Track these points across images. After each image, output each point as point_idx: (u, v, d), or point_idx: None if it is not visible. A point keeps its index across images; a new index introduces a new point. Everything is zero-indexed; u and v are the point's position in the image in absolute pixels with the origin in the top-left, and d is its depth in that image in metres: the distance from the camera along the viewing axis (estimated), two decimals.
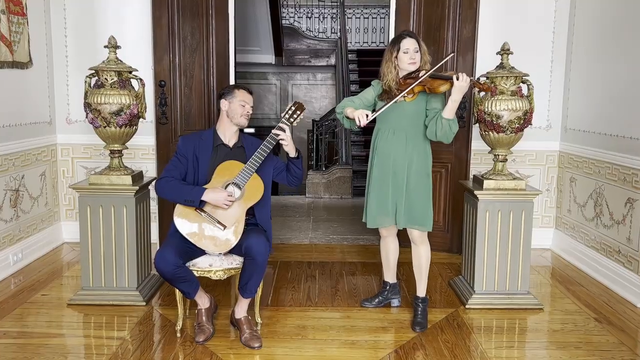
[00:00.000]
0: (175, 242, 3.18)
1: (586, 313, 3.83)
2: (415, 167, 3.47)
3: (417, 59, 3.39)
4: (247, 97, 3.37)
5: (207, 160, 3.34)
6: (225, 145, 3.38)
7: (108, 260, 3.83)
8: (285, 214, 6.92)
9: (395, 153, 3.47)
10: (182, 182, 3.28)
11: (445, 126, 3.32)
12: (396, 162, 3.47)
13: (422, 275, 3.65)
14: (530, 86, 3.79)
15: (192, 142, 3.37)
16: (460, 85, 3.22)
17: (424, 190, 3.50)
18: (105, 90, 3.67)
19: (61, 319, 3.65)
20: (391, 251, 3.81)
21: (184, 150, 3.35)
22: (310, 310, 3.83)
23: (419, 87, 3.33)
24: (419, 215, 3.50)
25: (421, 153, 3.49)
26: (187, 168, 3.34)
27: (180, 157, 3.34)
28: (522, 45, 4.76)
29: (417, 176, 3.47)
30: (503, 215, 3.83)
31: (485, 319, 3.71)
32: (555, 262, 4.96)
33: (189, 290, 3.27)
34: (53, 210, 5.19)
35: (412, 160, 3.46)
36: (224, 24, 4.91)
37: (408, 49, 3.37)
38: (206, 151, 3.35)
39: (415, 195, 3.48)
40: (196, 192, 3.19)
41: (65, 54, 5.12)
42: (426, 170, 3.51)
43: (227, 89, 3.41)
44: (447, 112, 3.31)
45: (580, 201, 4.84)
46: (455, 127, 3.34)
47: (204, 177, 3.31)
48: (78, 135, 5.19)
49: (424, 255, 3.61)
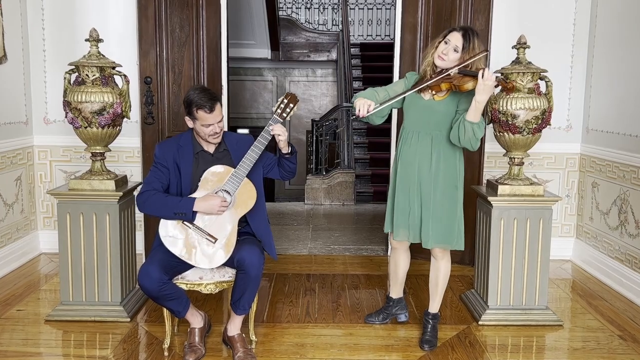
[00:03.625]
0: (160, 255, 3.16)
1: (610, 330, 3.84)
2: (443, 177, 3.40)
3: (451, 57, 3.27)
4: (209, 118, 3.18)
5: (189, 169, 3.30)
6: (206, 152, 3.34)
7: (89, 273, 3.83)
8: (282, 223, 6.93)
9: (420, 160, 3.41)
10: (166, 194, 3.26)
11: (469, 131, 3.22)
12: (421, 171, 3.41)
13: (438, 291, 3.64)
14: (548, 83, 3.80)
15: (170, 150, 3.32)
16: (484, 84, 3.12)
17: (452, 204, 3.43)
18: (86, 88, 3.68)
19: (38, 336, 3.65)
20: (401, 265, 3.77)
21: (163, 159, 3.30)
22: (309, 327, 3.83)
23: (446, 83, 3.25)
24: (445, 233, 3.44)
25: (450, 161, 3.41)
26: (169, 178, 3.30)
27: (161, 167, 3.30)
28: (540, 38, 4.78)
29: (445, 188, 3.41)
30: (519, 223, 3.84)
31: (499, 337, 3.72)
32: (576, 275, 4.97)
33: (179, 309, 3.26)
34: (29, 218, 5.20)
35: (439, 170, 3.39)
36: (215, 16, 4.93)
37: (449, 41, 3.28)
38: (187, 159, 3.31)
39: (442, 210, 3.41)
40: (185, 203, 3.16)
41: (43, 48, 5.14)
42: (454, 181, 3.44)
43: (187, 104, 3.22)
44: (471, 115, 3.20)
45: (603, 208, 4.86)
46: (480, 133, 3.24)
47: (187, 188, 3.29)
48: (57, 136, 5.20)
49: (443, 270, 3.60)
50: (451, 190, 3.43)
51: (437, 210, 3.41)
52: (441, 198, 3.41)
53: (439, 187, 3.40)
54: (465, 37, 3.25)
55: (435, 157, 3.39)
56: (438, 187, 3.40)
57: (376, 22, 12.67)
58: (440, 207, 3.41)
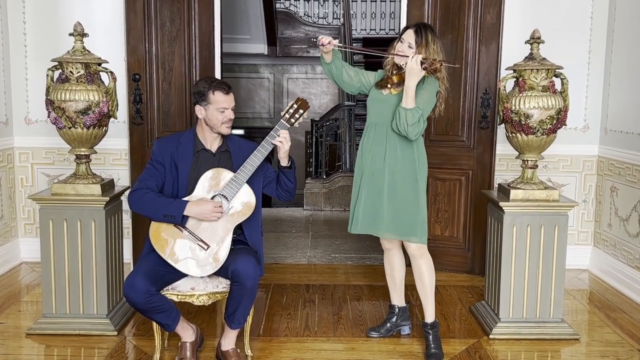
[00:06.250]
0: (147, 265, 3.17)
1: (629, 344, 3.84)
2: (401, 169, 3.54)
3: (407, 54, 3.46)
4: (225, 101, 3.26)
5: (187, 169, 3.32)
6: (207, 151, 3.37)
7: (74, 283, 3.83)
8: (279, 229, 6.93)
9: (374, 152, 3.58)
10: (159, 194, 3.28)
11: (402, 117, 3.37)
12: (375, 162, 3.58)
13: (428, 295, 3.67)
14: (564, 80, 3.81)
15: (169, 147, 3.35)
16: (409, 68, 3.34)
17: (412, 197, 3.55)
18: (70, 85, 3.69)
19: (19, 350, 3.66)
20: (396, 267, 3.84)
21: (160, 156, 3.33)
22: (308, 341, 3.84)
23: (397, 76, 3.51)
24: (408, 225, 3.55)
25: (407, 153, 3.55)
26: (164, 177, 3.33)
27: (157, 165, 3.33)
28: (555, 33, 4.79)
29: (403, 180, 3.54)
30: (533, 230, 3.85)
31: (512, 352, 3.72)
32: (593, 285, 4.98)
33: (168, 322, 3.26)
34: (9, 225, 5.20)
35: (396, 161, 3.54)
36: (208, 8, 4.93)
37: (404, 40, 3.52)
38: (186, 158, 3.34)
39: (402, 203, 3.54)
40: (177, 205, 3.19)
41: (24, 43, 5.14)
42: (414, 173, 3.56)
43: (199, 91, 3.29)
44: (403, 100, 3.40)
45: (623, 214, 4.86)
46: (412, 119, 3.36)
47: (184, 188, 3.31)
48: (39, 137, 5.21)
49: (425, 270, 3.64)
50: (411, 182, 3.56)
51: (397, 203, 3.54)
52: (401, 190, 3.54)
53: (397, 179, 3.54)
54: (417, 33, 3.49)
55: (390, 148, 3.55)
56: (396, 179, 3.54)
57: (380, 15, 12.68)
58: (402, 200, 3.54)
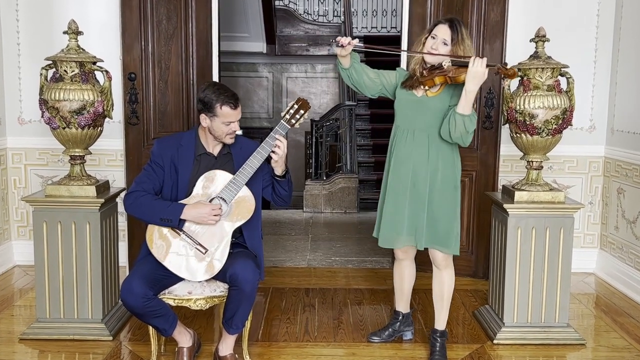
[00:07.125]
0: (145, 268, 3.17)
1: (636, 349, 3.84)
2: (441, 177, 3.44)
3: (441, 52, 3.32)
4: (232, 115, 3.22)
5: (187, 172, 3.31)
6: (209, 155, 3.36)
7: (68, 287, 3.83)
8: (278, 232, 6.93)
9: (415, 160, 3.45)
10: (156, 197, 3.27)
11: (460, 124, 3.26)
12: (417, 171, 3.45)
13: (444, 305, 3.65)
14: (570, 80, 3.81)
15: (169, 148, 3.33)
16: (473, 71, 3.15)
17: (451, 205, 3.48)
18: (64, 85, 3.69)
19: (12, 356, 3.65)
20: (406, 278, 3.81)
21: (159, 158, 3.32)
22: (308, 346, 3.84)
23: (440, 77, 3.30)
24: (443, 235, 3.48)
25: (448, 160, 3.46)
26: (163, 179, 3.32)
27: (155, 166, 3.31)
28: (560, 31, 4.79)
29: (443, 188, 3.45)
30: (538, 233, 3.85)
31: (516, 357, 3.72)
32: (599, 289, 4.98)
33: (165, 327, 3.26)
34: (2, 227, 5.20)
35: (437, 169, 3.44)
36: (205, 6, 4.93)
37: (436, 35, 3.35)
38: (187, 160, 3.32)
39: (440, 211, 3.45)
40: (174, 209, 3.18)
41: (17, 41, 5.14)
42: (454, 181, 3.49)
43: (206, 101, 3.22)
44: (461, 106, 3.24)
45: (630, 216, 4.86)
46: (471, 126, 3.27)
47: (183, 192, 3.30)
48: (32, 137, 5.21)
49: (447, 281, 3.61)
50: (450, 191, 3.48)
51: (434, 211, 3.45)
52: (439, 199, 3.45)
53: (436, 187, 3.44)
54: (452, 29, 3.33)
55: (433, 156, 3.43)
56: (435, 187, 3.44)
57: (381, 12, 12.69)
58: (438, 208, 3.45)
